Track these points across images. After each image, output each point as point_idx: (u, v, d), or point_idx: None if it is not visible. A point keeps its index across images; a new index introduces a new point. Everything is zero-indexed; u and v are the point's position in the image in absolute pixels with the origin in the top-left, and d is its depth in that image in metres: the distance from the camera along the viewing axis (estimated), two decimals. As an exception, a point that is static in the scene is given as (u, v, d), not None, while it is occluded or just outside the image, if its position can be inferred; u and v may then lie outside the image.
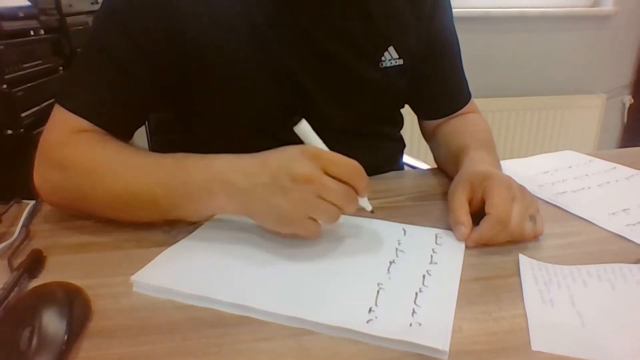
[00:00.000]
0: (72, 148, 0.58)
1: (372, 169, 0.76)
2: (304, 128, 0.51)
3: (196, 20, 0.61)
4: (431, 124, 0.84)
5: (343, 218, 0.51)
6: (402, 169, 0.90)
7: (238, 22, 0.63)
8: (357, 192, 0.50)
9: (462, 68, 0.82)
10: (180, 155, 0.55)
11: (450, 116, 0.82)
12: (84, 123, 0.60)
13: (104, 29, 0.63)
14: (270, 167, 0.49)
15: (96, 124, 0.60)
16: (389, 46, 0.71)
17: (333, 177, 0.48)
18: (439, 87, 0.81)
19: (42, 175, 0.60)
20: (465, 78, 0.82)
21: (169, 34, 0.61)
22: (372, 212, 0.54)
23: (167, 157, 0.55)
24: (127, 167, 0.55)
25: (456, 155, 0.69)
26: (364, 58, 0.70)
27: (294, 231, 0.50)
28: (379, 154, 0.80)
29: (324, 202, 0.48)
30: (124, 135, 0.64)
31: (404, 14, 0.72)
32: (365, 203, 0.53)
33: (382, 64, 0.71)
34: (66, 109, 0.60)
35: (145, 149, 0.60)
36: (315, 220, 0.49)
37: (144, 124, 0.71)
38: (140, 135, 0.91)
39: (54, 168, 0.58)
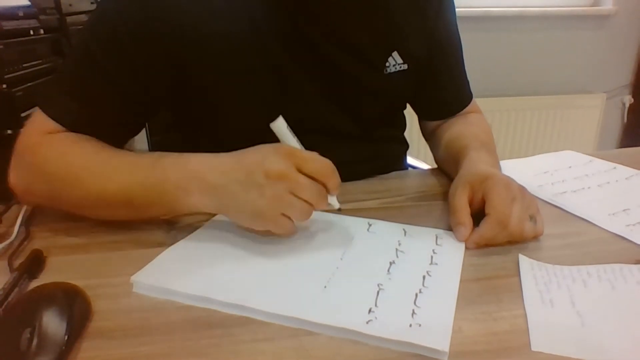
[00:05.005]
0: (48, 148, 0.57)
1: (379, 172, 0.77)
2: (279, 125, 0.52)
3: (192, 21, 0.59)
4: (432, 123, 0.84)
5: (343, 218, 0.51)
6: (407, 169, 0.90)
7: (239, 32, 0.61)
8: (328, 190, 0.51)
9: (464, 68, 0.82)
10: (157, 155, 0.55)
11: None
12: (63, 129, 0.59)
13: (93, 33, 0.61)
14: (245, 164, 0.50)
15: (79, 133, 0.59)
16: (393, 52, 0.70)
17: (306, 175, 0.49)
18: (441, 89, 0.80)
19: (17, 174, 0.59)
20: (467, 78, 0.82)
21: (160, 38, 0.59)
22: (339, 210, 0.55)
23: (144, 157, 0.55)
24: (104, 168, 0.55)
25: (456, 156, 0.69)
26: (367, 65, 0.69)
27: (268, 228, 0.51)
28: (386, 157, 0.80)
29: (296, 199, 0.49)
30: (113, 145, 0.62)
31: (409, 18, 0.70)
32: (334, 201, 0.53)
33: (386, 70, 0.70)
34: (48, 115, 0.58)
35: (123, 150, 0.59)
36: (288, 217, 0.50)
37: (137, 133, 0.69)
38: (140, 136, 0.90)
39: (29, 168, 0.58)
